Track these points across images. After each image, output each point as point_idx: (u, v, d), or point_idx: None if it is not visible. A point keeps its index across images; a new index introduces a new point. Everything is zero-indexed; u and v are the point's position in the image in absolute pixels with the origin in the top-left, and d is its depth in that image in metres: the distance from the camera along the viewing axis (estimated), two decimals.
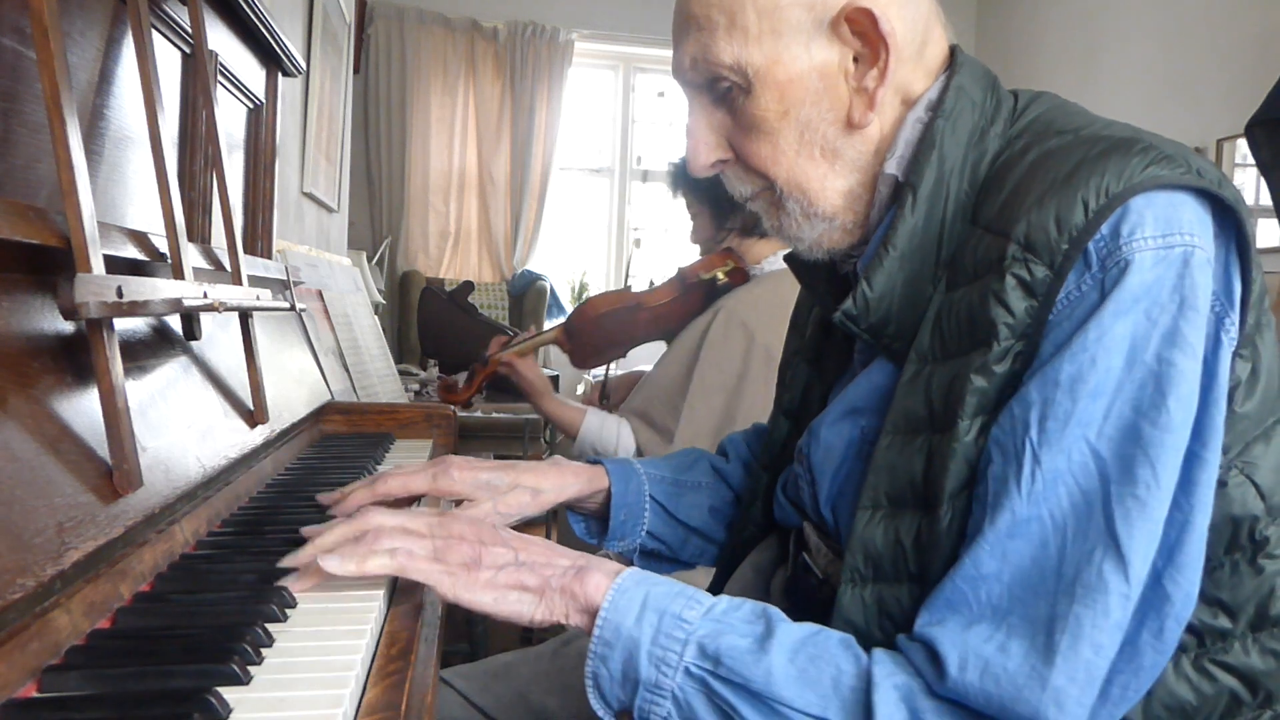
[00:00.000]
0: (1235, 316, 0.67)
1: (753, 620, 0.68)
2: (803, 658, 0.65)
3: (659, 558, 1.07)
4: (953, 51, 0.80)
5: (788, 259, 0.91)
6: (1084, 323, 0.64)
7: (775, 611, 0.69)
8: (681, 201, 1.95)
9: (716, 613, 0.68)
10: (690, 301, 1.89)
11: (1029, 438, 0.63)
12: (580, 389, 3.80)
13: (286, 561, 0.71)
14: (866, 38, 0.74)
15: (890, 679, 0.63)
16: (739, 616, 0.68)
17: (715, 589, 1.02)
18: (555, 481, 0.99)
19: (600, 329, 1.94)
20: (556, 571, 0.71)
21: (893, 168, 0.76)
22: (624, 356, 2.08)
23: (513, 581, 0.70)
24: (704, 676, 0.65)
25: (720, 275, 1.83)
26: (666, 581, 0.70)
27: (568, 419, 1.84)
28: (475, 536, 0.72)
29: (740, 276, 1.84)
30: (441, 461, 0.94)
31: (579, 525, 1.07)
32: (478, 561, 0.70)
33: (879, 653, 0.65)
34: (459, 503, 0.95)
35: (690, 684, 0.65)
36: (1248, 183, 3.78)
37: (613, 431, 1.79)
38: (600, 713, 0.69)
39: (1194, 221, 0.64)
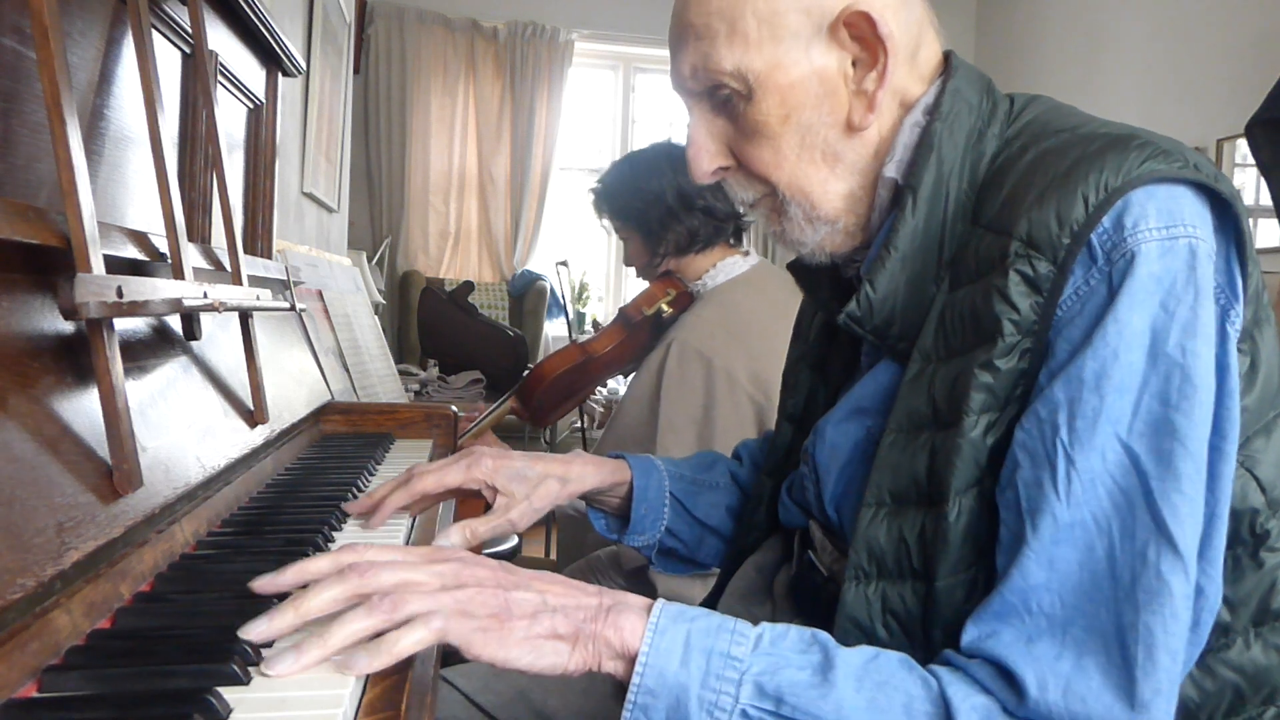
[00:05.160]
0: (1239, 309, 0.67)
1: (805, 649, 0.64)
2: (869, 686, 0.62)
3: (676, 556, 1.07)
4: (947, 56, 0.81)
5: (790, 266, 0.92)
6: (1100, 318, 0.64)
7: (825, 636, 0.66)
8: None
9: (765, 645, 0.64)
10: (638, 339, 1.85)
11: (1059, 439, 0.63)
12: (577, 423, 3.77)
13: (256, 630, 0.58)
14: (865, 41, 0.74)
15: (967, 700, 0.61)
16: (790, 646, 0.64)
17: (717, 590, 1.03)
18: (580, 471, 0.98)
19: (554, 390, 1.90)
20: (588, 613, 0.64)
21: (892, 171, 0.77)
22: (584, 403, 2.05)
23: (548, 630, 0.63)
24: (763, 718, 0.61)
25: (664, 307, 1.79)
26: (703, 614, 0.66)
27: None
28: (493, 580, 0.64)
29: (684, 301, 1.79)
30: (471, 452, 0.93)
31: (599, 521, 1.07)
32: (507, 611, 0.63)
33: (945, 674, 0.63)
34: (463, 509, 0.95)
35: None
36: (1248, 183, 3.78)
37: None
38: None
39: (1194, 214, 0.65)
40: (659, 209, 1.72)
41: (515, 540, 2.17)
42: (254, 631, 0.58)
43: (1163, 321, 0.63)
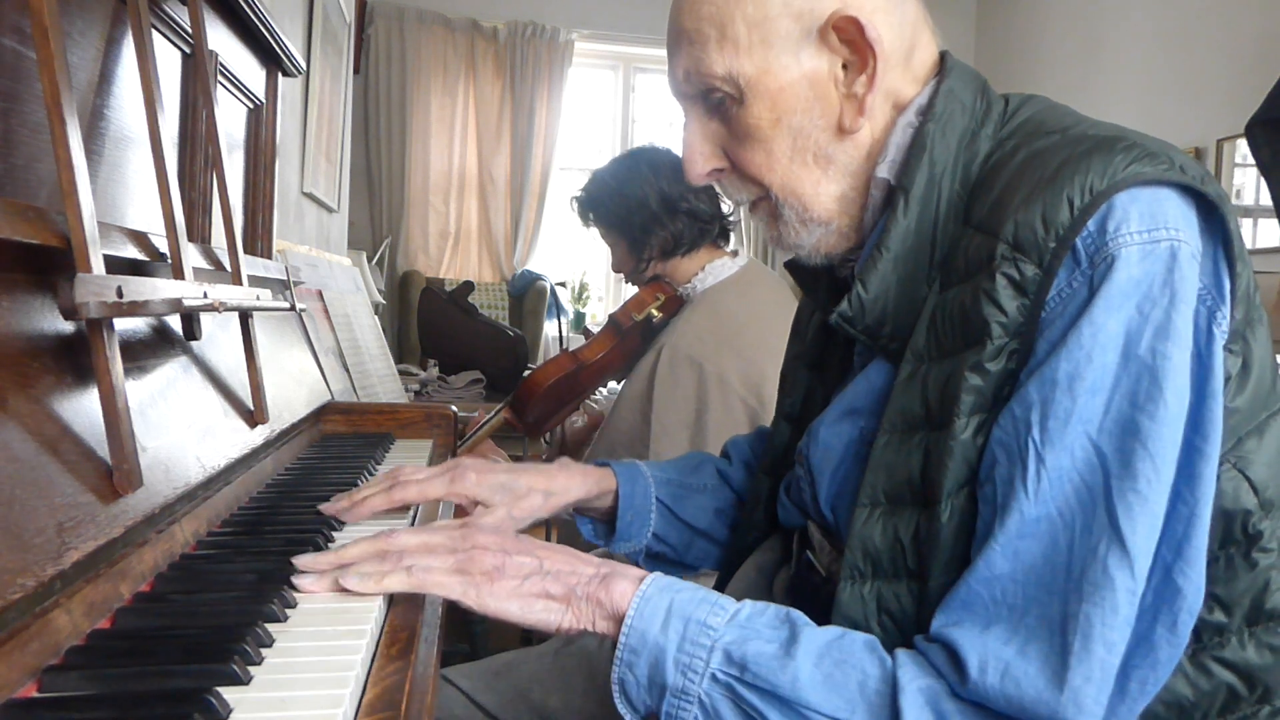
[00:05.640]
0: (1226, 310, 0.67)
1: (777, 625, 0.68)
2: (828, 662, 0.65)
3: (664, 560, 1.08)
4: (943, 57, 0.82)
5: (788, 265, 0.92)
6: (1076, 320, 0.64)
7: (799, 615, 0.69)
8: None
9: (741, 619, 0.68)
10: (629, 345, 1.85)
11: (1031, 437, 0.64)
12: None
13: (303, 562, 0.71)
14: (854, 45, 0.75)
15: (915, 682, 0.63)
16: (763, 622, 0.68)
17: (718, 590, 1.03)
18: (564, 483, 1.00)
19: (548, 400, 1.90)
20: (582, 579, 0.71)
21: (885, 172, 0.78)
22: (577, 409, 2.06)
23: (538, 590, 0.70)
24: (730, 682, 0.65)
25: (654, 312, 1.78)
26: (690, 587, 0.71)
27: None
28: (499, 546, 0.72)
29: (674, 305, 1.79)
30: (456, 465, 0.95)
31: (586, 527, 1.07)
32: (501, 570, 0.70)
33: (902, 655, 0.66)
34: (459, 510, 0.96)
35: (716, 690, 0.66)
36: (1248, 183, 3.78)
37: None
38: (627, 716, 0.69)
39: (1178, 216, 0.65)
40: (642, 214, 1.73)
41: None
42: (302, 560, 0.71)
43: (1137, 324, 0.63)
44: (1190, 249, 0.65)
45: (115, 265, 0.71)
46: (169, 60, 1.00)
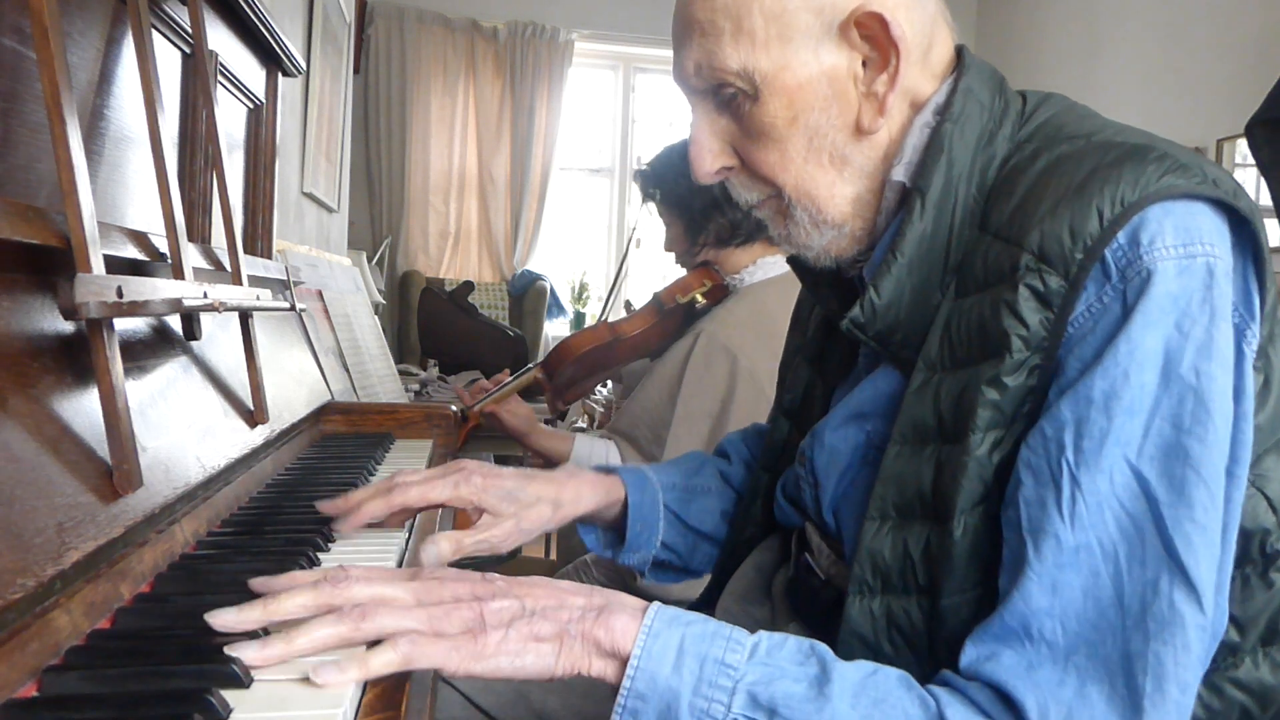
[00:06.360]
0: (1256, 328, 0.65)
1: (803, 661, 0.63)
2: (866, 702, 0.60)
3: (670, 568, 1.05)
4: (959, 53, 0.79)
5: (791, 261, 0.90)
6: (1112, 336, 0.62)
7: (822, 647, 0.64)
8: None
9: (761, 654, 0.62)
10: (668, 325, 1.86)
11: (1065, 458, 0.61)
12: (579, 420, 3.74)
13: (224, 621, 0.58)
14: (876, 42, 0.72)
15: None
16: (786, 657, 0.63)
17: (715, 589, 1.02)
18: (574, 493, 0.95)
19: (580, 366, 1.91)
20: (574, 614, 0.63)
21: (900, 174, 0.75)
22: (604, 384, 2.07)
23: (526, 635, 0.61)
24: None
25: (698, 298, 1.79)
26: (699, 619, 0.64)
27: (556, 449, 1.81)
28: (470, 594, 0.63)
29: (719, 294, 1.80)
30: (460, 467, 0.89)
31: (590, 537, 1.04)
32: (481, 623, 0.61)
33: (944, 694, 0.62)
34: (460, 517, 0.94)
35: None
36: (1248, 183, 3.78)
37: (601, 454, 1.77)
38: None
39: (1213, 232, 0.63)
40: (703, 198, 1.72)
41: None
42: (220, 619, 0.58)
43: (1177, 343, 0.61)
44: (1225, 265, 0.63)
45: (115, 265, 0.71)
46: (169, 60, 1.00)
